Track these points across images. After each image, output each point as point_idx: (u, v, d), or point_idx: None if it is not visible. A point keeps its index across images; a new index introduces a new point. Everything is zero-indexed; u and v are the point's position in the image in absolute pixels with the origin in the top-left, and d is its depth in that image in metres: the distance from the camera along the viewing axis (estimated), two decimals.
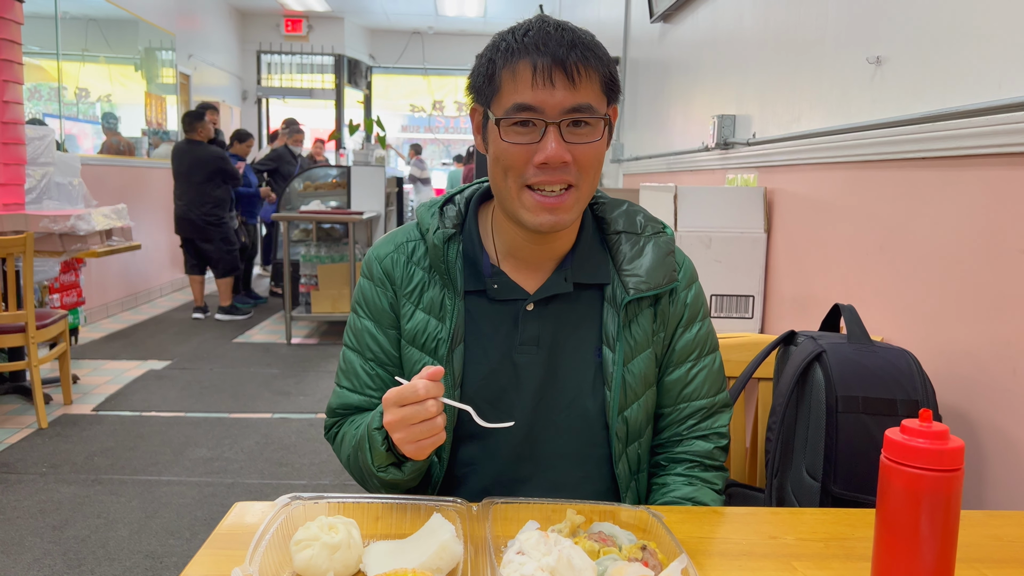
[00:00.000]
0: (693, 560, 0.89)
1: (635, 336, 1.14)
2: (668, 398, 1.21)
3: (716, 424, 1.21)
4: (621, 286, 1.14)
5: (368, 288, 1.19)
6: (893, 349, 1.38)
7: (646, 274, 1.13)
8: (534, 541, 0.80)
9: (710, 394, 1.21)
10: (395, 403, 0.94)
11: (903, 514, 0.81)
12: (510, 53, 1.01)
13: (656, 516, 0.94)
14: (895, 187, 1.70)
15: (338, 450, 1.20)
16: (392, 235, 1.21)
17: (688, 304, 1.19)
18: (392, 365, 1.19)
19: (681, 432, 1.21)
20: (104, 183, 6.34)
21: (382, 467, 1.04)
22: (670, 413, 1.21)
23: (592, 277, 1.15)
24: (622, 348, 1.13)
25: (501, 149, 1.03)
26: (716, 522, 1.05)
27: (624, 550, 0.86)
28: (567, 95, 0.99)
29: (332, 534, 0.86)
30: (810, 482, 1.34)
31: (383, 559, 0.86)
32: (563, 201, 1.04)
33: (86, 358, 5.20)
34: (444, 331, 1.13)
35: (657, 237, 1.17)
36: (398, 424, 0.94)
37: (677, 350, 1.19)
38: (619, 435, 1.15)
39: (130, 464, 3.41)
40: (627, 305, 1.13)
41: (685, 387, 1.20)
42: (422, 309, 1.15)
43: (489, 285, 1.14)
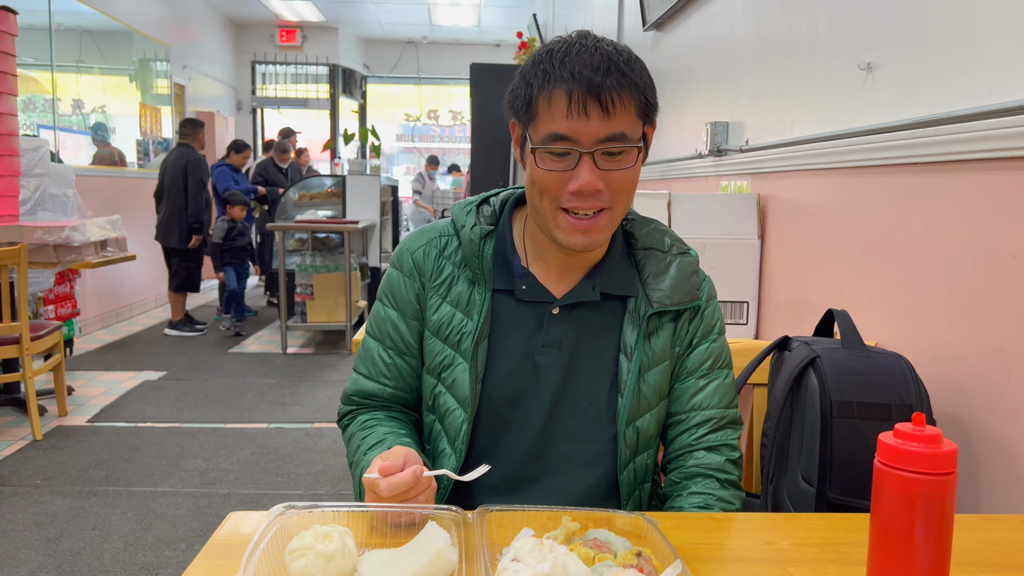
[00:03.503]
0: (688, 566, 0.89)
1: (653, 348, 1.17)
2: (678, 405, 1.22)
3: (726, 437, 1.21)
4: (645, 299, 1.17)
5: (396, 278, 1.22)
6: (887, 354, 1.38)
7: (670, 290, 1.17)
8: (529, 548, 0.80)
9: (720, 406, 1.22)
10: (370, 489, 1.00)
11: (897, 518, 0.81)
12: (547, 79, 1.03)
13: (651, 522, 0.94)
14: (887, 192, 1.70)
15: (346, 443, 1.24)
16: (425, 230, 1.24)
17: (705, 318, 1.22)
18: (411, 356, 1.23)
19: (690, 443, 1.21)
20: (97, 194, 6.34)
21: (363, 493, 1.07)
22: (680, 421, 1.22)
23: (618, 288, 1.18)
24: (639, 358, 1.16)
25: (537, 174, 1.06)
26: (711, 528, 1.05)
27: (619, 557, 0.86)
28: (601, 125, 1.01)
29: (326, 543, 0.85)
30: (805, 487, 1.35)
31: (378, 568, 0.86)
32: (596, 223, 1.07)
33: (81, 369, 5.19)
34: (470, 325, 1.16)
35: (682, 257, 1.20)
36: (373, 496, 1.00)
37: (692, 359, 1.21)
38: (628, 443, 1.17)
39: (125, 476, 3.39)
40: (649, 318, 1.16)
41: (696, 395, 1.21)
42: (449, 302, 1.18)
43: (518, 285, 1.17)
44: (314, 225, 6.02)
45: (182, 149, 6.24)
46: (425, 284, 1.20)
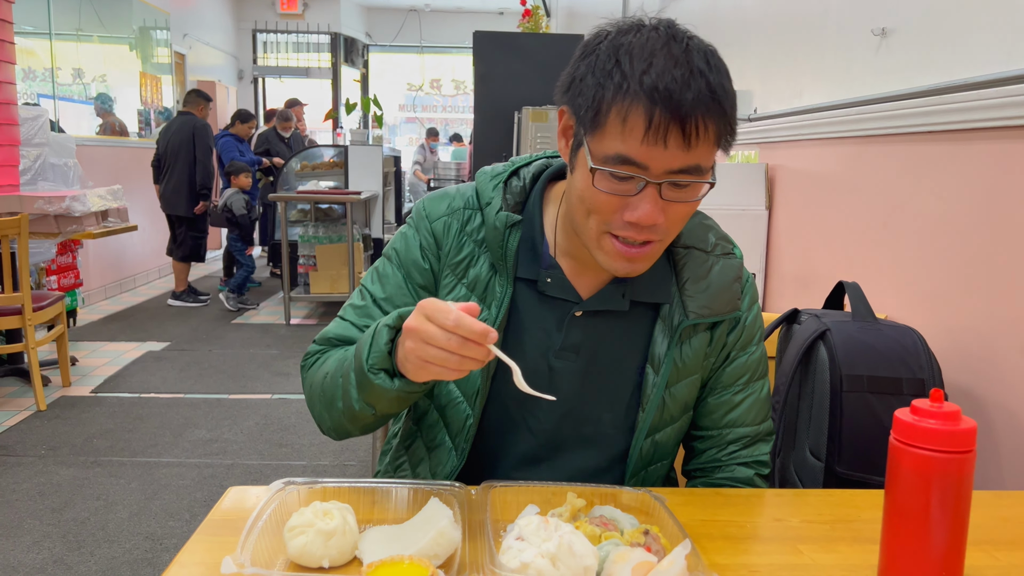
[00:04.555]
0: (696, 544, 0.87)
1: (684, 359, 1.07)
2: (711, 420, 1.12)
3: (757, 453, 1.14)
4: (680, 307, 1.06)
5: (413, 240, 1.10)
6: (898, 327, 1.36)
7: (709, 299, 1.06)
8: (534, 527, 0.78)
9: (755, 422, 1.14)
10: (427, 314, 0.83)
11: (913, 496, 0.79)
12: (625, 91, 0.86)
13: (658, 499, 0.92)
14: (900, 162, 1.66)
15: (314, 372, 1.07)
16: (447, 195, 1.11)
17: (747, 326, 1.11)
18: None
19: (721, 458, 1.14)
20: (99, 164, 6.29)
21: (374, 368, 0.91)
22: (712, 437, 1.13)
23: (651, 295, 1.07)
24: (668, 370, 1.06)
25: (589, 193, 0.92)
26: (719, 504, 1.03)
27: (626, 535, 0.84)
28: (677, 155, 0.87)
29: (327, 520, 0.83)
30: (814, 462, 1.33)
31: (379, 545, 0.84)
32: (644, 252, 0.95)
33: (84, 340, 5.19)
34: (488, 317, 1.05)
35: (726, 259, 1.09)
36: (416, 333, 0.83)
37: (727, 372, 1.11)
38: (643, 454, 1.10)
39: (129, 446, 3.40)
40: (683, 328, 1.06)
41: (730, 411, 1.12)
42: (466, 285, 1.07)
43: (543, 278, 1.05)
44: (316, 196, 5.98)
45: (185, 117, 6.18)
46: (442, 258, 1.09)
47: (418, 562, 0.78)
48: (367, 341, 0.93)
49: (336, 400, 1.00)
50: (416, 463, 1.16)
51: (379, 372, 0.91)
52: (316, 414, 1.08)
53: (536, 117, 4.79)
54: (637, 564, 0.76)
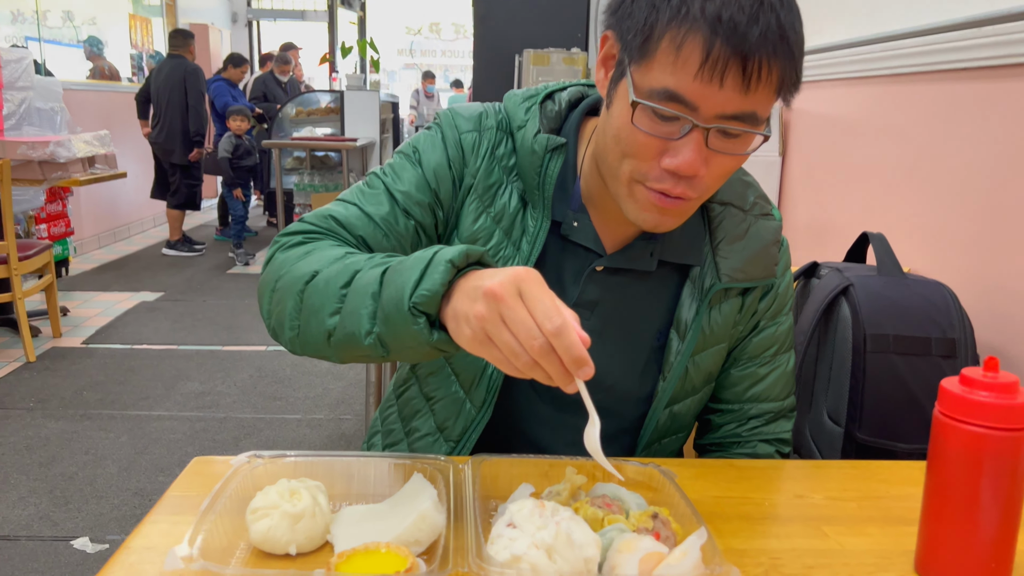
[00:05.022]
0: (709, 524, 0.78)
1: (713, 326, 0.99)
2: (732, 393, 1.05)
3: (779, 430, 1.06)
4: (713, 269, 0.97)
5: (438, 144, 0.96)
6: (928, 282, 1.25)
7: (744, 262, 0.97)
8: (527, 512, 0.68)
9: (779, 397, 1.05)
10: (523, 289, 0.66)
11: (960, 479, 0.69)
12: (683, 17, 0.75)
13: (667, 475, 0.83)
14: (929, 102, 1.54)
15: (292, 260, 0.86)
16: (478, 109, 0.98)
17: (779, 294, 1.03)
18: (419, 227, 0.95)
19: (741, 434, 1.05)
20: (88, 109, 6.12)
21: (417, 308, 0.71)
22: (732, 411, 1.06)
23: (682, 256, 0.97)
24: (694, 337, 0.98)
25: (626, 132, 0.81)
26: (733, 478, 0.93)
27: (632, 518, 0.75)
28: (733, 98, 0.75)
29: (294, 501, 0.74)
30: (832, 427, 1.23)
31: (354, 528, 0.75)
32: (678, 205, 0.83)
33: (76, 290, 5.10)
34: (517, 257, 0.93)
35: (764, 220, 0.99)
36: (498, 304, 0.65)
37: (754, 343, 1.03)
38: (659, 426, 1.01)
39: (120, 399, 3.33)
40: (714, 292, 0.97)
41: (754, 385, 1.04)
42: (492, 216, 0.94)
43: (569, 221, 0.94)
44: (312, 143, 5.83)
45: (176, 60, 5.99)
46: (466, 178, 0.95)
47: (396, 550, 0.68)
48: (415, 268, 0.72)
49: (324, 315, 0.79)
50: (410, 415, 1.06)
51: (421, 316, 0.71)
52: (277, 314, 0.84)
53: (537, 60, 4.61)
54: (645, 555, 0.67)
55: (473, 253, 0.73)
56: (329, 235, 0.91)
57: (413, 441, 1.06)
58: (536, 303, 0.65)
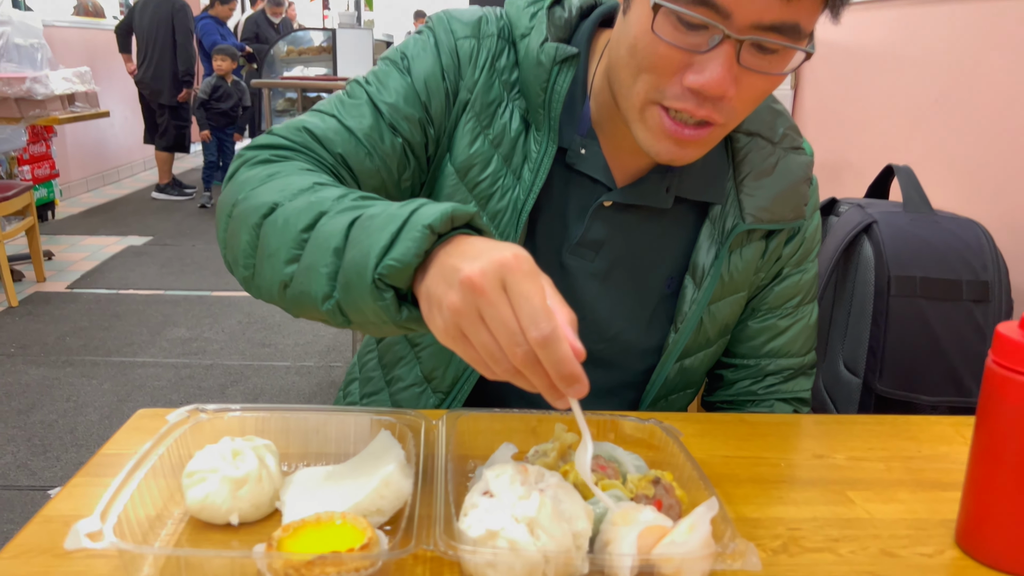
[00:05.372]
0: (717, 488, 0.68)
1: (732, 273, 0.88)
2: (749, 348, 0.95)
3: (798, 388, 0.96)
4: (736, 209, 0.86)
5: (431, 50, 0.83)
6: (959, 220, 1.14)
7: (771, 201, 0.86)
8: (507, 479, 0.58)
9: (800, 352, 0.96)
10: (507, 280, 0.52)
11: (1016, 438, 0.59)
12: None
13: (670, 432, 0.72)
14: (960, 25, 1.40)
15: (254, 182, 0.71)
16: (472, 14, 0.85)
17: (806, 239, 0.93)
18: (407, 145, 0.82)
19: (756, 392, 0.96)
20: (71, 47, 5.91)
21: (385, 280, 0.57)
22: (748, 367, 0.96)
23: (702, 193, 0.86)
24: (712, 285, 0.87)
25: (645, 41, 0.68)
26: (745, 435, 0.83)
27: (629, 483, 0.65)
28: (773, 5, 0.64)
29: (237, 464, 0.64)
30: (848, 378, 1.13)
31: (307, 495, 0.65)
32: (699, 136, 0.71)
33: (63, 233, 4.97)
34: (517, 189, 0.82)
35: (795, 155, 0.88)
36: (478, 297, 0.52)
37: (775, 292, 0.93)
38: (667, 382, 0.91)
39: (104, 345, 3.23)
40: (736, 235, 0.87)
41: (774, 338, 0.94)
42: (490, 139, 0.82)
43: (576, 147, 0.83)
44: (303, 83, 5.63)
45: None
46: (461, 92, 0.83)
47: (353, 522, 0.58)
48: (386, 228, 0.58)
49: (280, 261, 0.64)
50: (392, 362, 0.96)
51: (388, 289, 0.58)
52: (231, 247, 0.71)
53: None
54: (645, 529, 0.56)
55: (460, 215, 0.59)
56: (302, 152, 0.77)
57: (396, 392, 0.96)
58: (522, 302, 0.52)
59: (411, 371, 0.94)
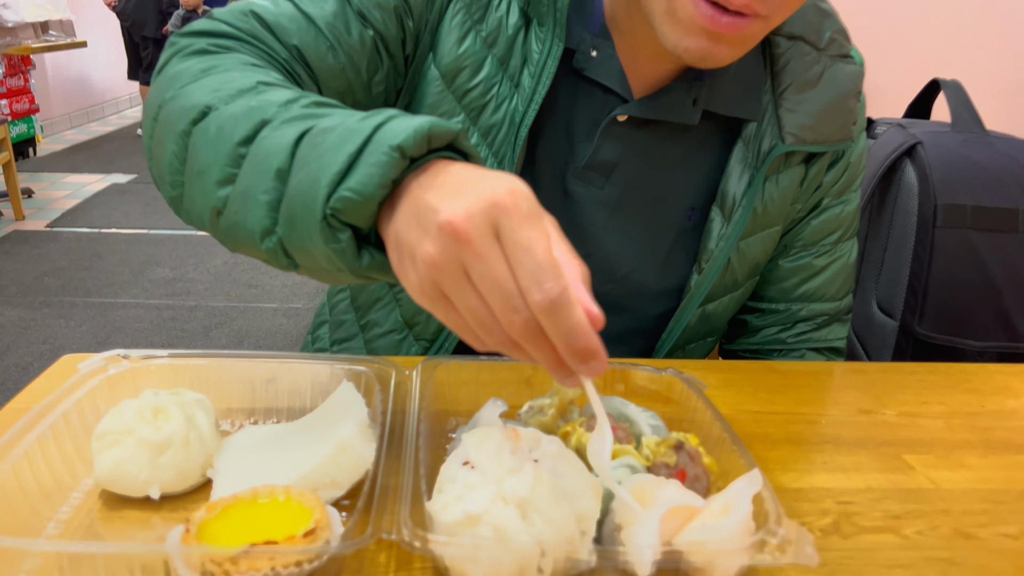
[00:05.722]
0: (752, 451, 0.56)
1: (767, 204, 0.76)
2: (778, 290, 0.83)
3: (832, 336, 0.84)
4: (774, 126, 0.74)
5: None
6: (1016, 142, 1.00)
7: (815, 118, 0.74)
8: (493, 446, 0.45)
9: (837, 296, 0.83)
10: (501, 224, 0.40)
11: None
12: None
13: (692, 384, 0.60)
14: None
15: (184, 76, 0.57)
16: None
17: (851, 164, 0.80)
18: (380, 42, 0.68)
19: (785, 340, 0.83)
20: None
21: (339, 216, 0.44)
22: (777, 312, 0.83)
23: (734, 107, 0.73)
24: (744, 218, 0.74)
25: None
26: (775, 386, 0.71)
27: (644, 447, 0.52)
28: None
29: (159, 423, 0.51)
30: (883, 320, 1.01)
31: (247, 462, 0.52)
32: (738, 26, 0.59)
33: (44, 171, 4.79)
34: (517, 102, 0.69)
35: (843, 64, 0.75)
36: (464, 248, 0.39)
37: (812, 227, 0.80)
38: (686, 330, 0.79)
39: (84, 285, 3.10)
40: (774, 158, 0.74)
41: (808, 280, 0.82)
42: (482, 37, 0.69)
43: (585, 48, 0.70)
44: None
45: None
46: None
47: (299, 499, 0.46)
48: (342, 146, 0.44)
49: (212, 181, 0.50)
50: (367, 304, 0.83)
51: (344, 229, 0.45)
52: (157, 157, 0.56)
53: None
54: (669, 511, 0.44)
55: (439, 132, 0.45)
56: (248, 43, 0.62)
57: (372, 339, 0.83)
58: (521, 254, 0.39)
59: (389, 315, 0.81)
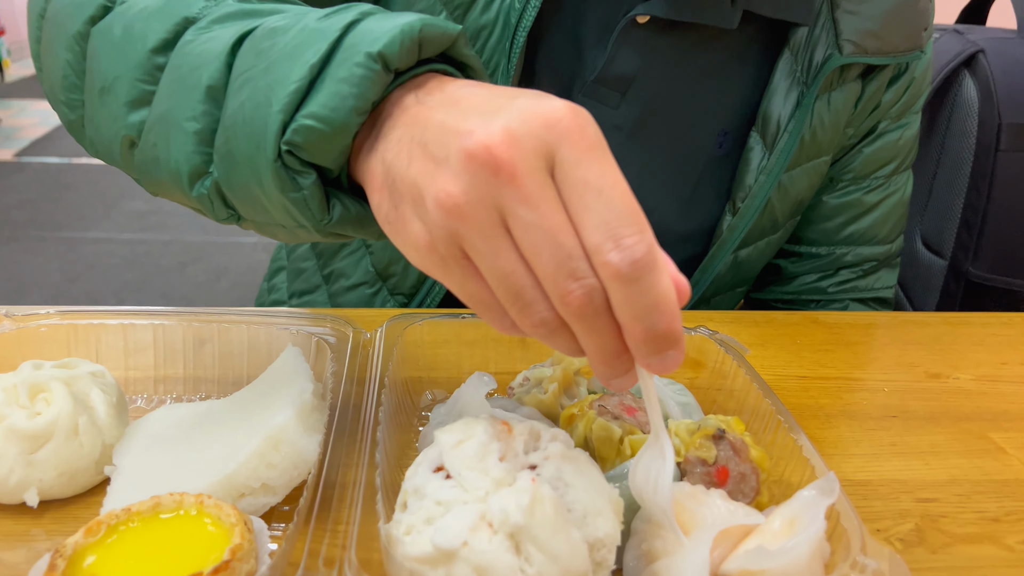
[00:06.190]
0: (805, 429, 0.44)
1: (816, 129, 0.63)
2: (821, 232, 0.70)
3: (879, 285, 0.72)
4: (830, 32, 0.61)
5: None
6: None
7: (881, 22, 0.61)
8: (475, 448, 0.33)
9: (888, 238, 0.71)
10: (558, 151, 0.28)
11: None
12: None
13: (729, 348, 0.48)
14: None
15: None
16: None
17: (915, 80, 0.67)
18: None
19: (825, 290, 0.71)
20: None
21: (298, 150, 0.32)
22: (818, 256, 0.71)
23: (780, 9, 0.60)
24: (790, 145, 0.61)
25: None
26: (822, 344, 0.59)
27: (674, 432, 0.40)
28: None
29: (36, 407, 0.39)
30: (929, 259, 0.89)
31: (156, 459, 0.40)
32: None
33: (12, 97, 4.60)
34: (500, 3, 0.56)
35: None
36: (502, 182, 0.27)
37: (865, 156, 0.68)
38: (717, 278, 0.67)
39: (53, 219, 2.96)
40: (828, 72, 0.61)
41: (856, 220, 0.69)
42: None
43: None
44: None
45: None
46: None
47: (216, 514, 0.34)
48: (299, 59, 0.32)
49: (120, 102, 0.38)
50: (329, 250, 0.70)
51: (307, 170, 0.33)
52: (48, 67, 0.44)
53: None
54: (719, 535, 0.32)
55: (433, 35, 0.32)
56: None
57: (337, 292, 0.69)
58: (592, 198, 0.27)
59: (358, 264, 0.67)
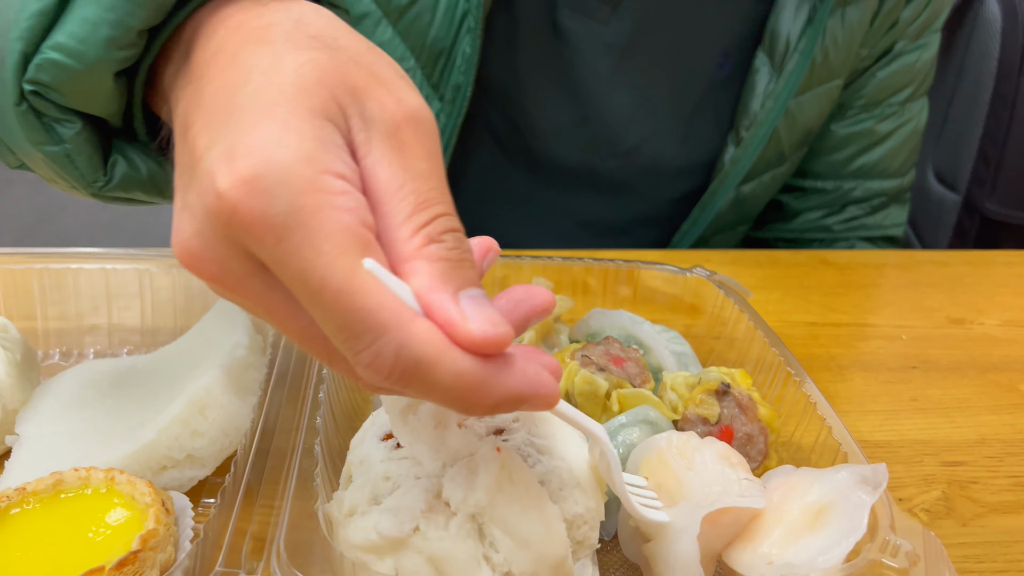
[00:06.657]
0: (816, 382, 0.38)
1: (829, 46, 0.57)
2: (828, 165, 0.65)
3: (888, 222, 0.66)
4: None
5: None
6: None
7: None
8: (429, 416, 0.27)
9: (899, 172, 0.65)
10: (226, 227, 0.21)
11: None
12: None
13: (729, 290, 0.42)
14: None
15: None
16: None
17: None
18: None
19: (831, 227, 0.66)
20: None
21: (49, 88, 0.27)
22: (823, 191, 0.66)
23: None
24: (801, 67, 0.56)
25: None
26: (832, 287, 0.54)
27: (669, 387, 0.35)
28: None
29: None
30: (942, 193, 0.83)
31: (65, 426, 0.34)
32: None
33: None
34: None
35: None
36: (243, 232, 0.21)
37: (879, 80, 0.61)
38: (718, 215, 0.61)
39: None
40: None
41: (866, 151, 0.63)
42: None
43: None
44: None
45: None
46: None
47: (128, 491, 0.29)
48: None
49: None
50: None
51: (71, 118, 0.28)
52: None
53: None
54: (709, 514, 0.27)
55: None
56: None
57: None
58: (308, 302, 0.21)
59: None
